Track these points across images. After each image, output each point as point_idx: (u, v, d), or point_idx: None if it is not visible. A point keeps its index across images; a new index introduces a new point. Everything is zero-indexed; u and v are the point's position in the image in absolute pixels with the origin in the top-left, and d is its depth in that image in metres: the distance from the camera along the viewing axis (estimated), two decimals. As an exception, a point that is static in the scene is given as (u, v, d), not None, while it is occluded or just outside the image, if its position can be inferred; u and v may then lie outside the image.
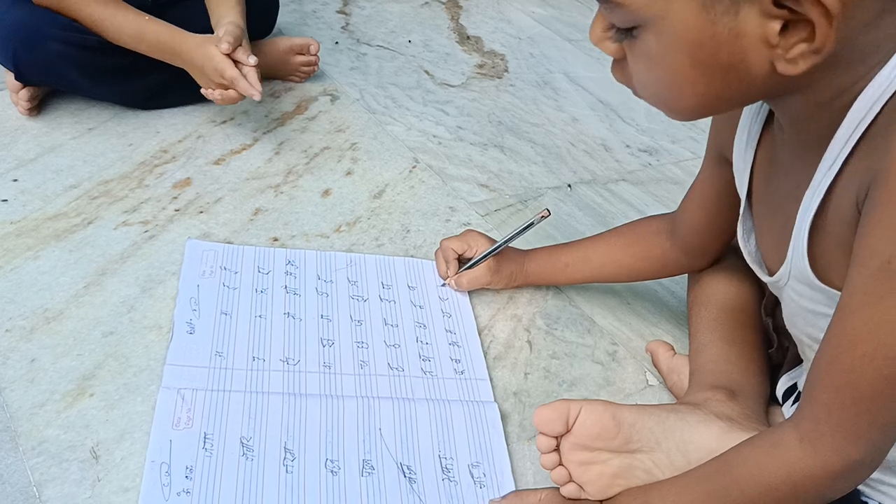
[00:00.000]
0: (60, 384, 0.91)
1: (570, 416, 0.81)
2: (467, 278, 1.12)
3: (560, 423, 0.80)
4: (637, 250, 1.07)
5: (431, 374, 1.00)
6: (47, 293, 1.02)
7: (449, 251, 1.13)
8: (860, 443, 0.63)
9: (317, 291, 1.08)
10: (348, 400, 0.93)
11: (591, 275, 1.12)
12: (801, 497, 0.67)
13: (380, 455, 0.88)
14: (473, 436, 0.92)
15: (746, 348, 0.96)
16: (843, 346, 0.62)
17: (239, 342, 0.98)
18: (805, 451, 0.65)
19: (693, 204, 1.00)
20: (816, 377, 0.65)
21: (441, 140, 1.52)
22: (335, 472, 0.85)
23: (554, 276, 1.14)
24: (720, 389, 0.90)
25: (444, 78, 1.75)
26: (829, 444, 0.64)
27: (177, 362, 0.93)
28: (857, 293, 0.61)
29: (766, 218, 0.80)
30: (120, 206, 1.19)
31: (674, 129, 1.72)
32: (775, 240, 0.76)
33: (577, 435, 0.80)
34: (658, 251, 1.06)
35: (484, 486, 0.87)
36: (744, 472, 0.69)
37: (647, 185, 1.50)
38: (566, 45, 2.01)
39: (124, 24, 1.29)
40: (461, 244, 1.12)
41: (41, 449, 0.84)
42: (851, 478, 0.66)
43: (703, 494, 0.73)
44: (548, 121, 1.66)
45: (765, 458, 0.68)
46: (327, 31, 1.86)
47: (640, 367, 1.08)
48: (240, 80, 1.27)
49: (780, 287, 0.77)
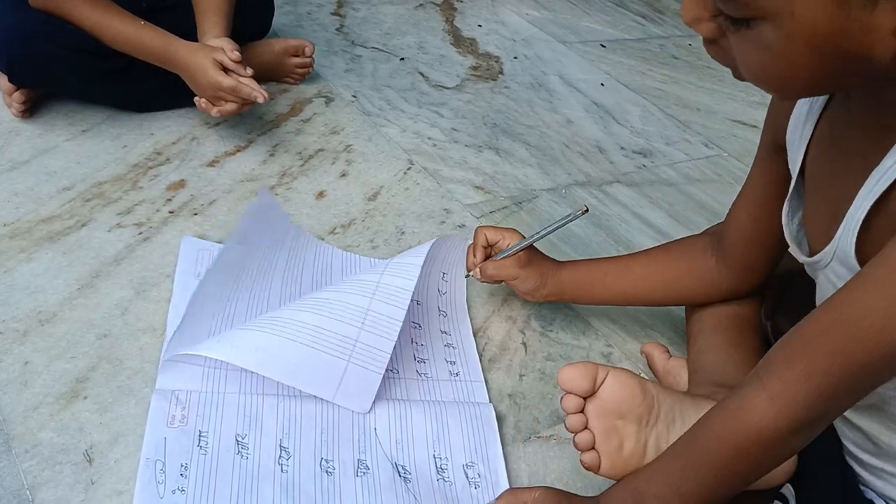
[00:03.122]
0: (54, 387, 0.90)
1: (598, 378, 0.79)
2: (494, 266, 1.05)
3: (587, 381, 0.79)
4: (681, 264, 1.02)
5: (426, 375, 1.00)
6: (41, 296, 1.01)
7: (480, 236, 1.07)
8: (832, 404, 0.65)
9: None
10: None
11: (632, 286, 1.04)
12: (769, 454, 0.68)
13: (375, 455, 0.88)
14: (468, 436, 0.92)
15: (748, 352, 0.96)
16: (850, 314, 0.62)
17: None
18: (775, 410, 0.65)
19: (741, 212, 0.95)
20: (802, 340, 0.65)
21: (436, 142, 1.52)
22: (330, 472, 0.85)
23: (591, 285, 1.06)
24: (725, 387, 0.90)
25: (438, 80, 1.76)
26: (802, 404, 0.64)
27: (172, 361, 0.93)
28: (885, 266, 0.61)
29: (818, 194, 0.77)
30: (114, 208, 1.18)
31: (668, 132, 1.72)
32: (825, 217, 0.73)
33: (603, 398, 0.79)
34: (702, 267, 1.00)
35: (479, 487, 0.87)
36: (713, 438, 0.70)
37: (641, 186, 1.50)
38: (560, 47, 2.01)
39: (119, 29, 1.30)
40: (495, 234, 1.06)
41: (34, 452, 0.83)
42: (818, 430, 0.67)
43: (681, 468, 0.72)
44: (542, 122, 1.66)
45: (732, 421, 0.68)
46: (322, 32, 1.86)
47: (635, 369, 1.08)
48: (240, 86, 1.27)
49: (818, 268, 0.76)
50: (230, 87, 1.27)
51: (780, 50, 0.59)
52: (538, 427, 0.97)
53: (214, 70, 1.27)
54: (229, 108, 1.30)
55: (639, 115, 1.77)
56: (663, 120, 1.77)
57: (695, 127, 1.76)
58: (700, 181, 1.56)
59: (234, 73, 1.28)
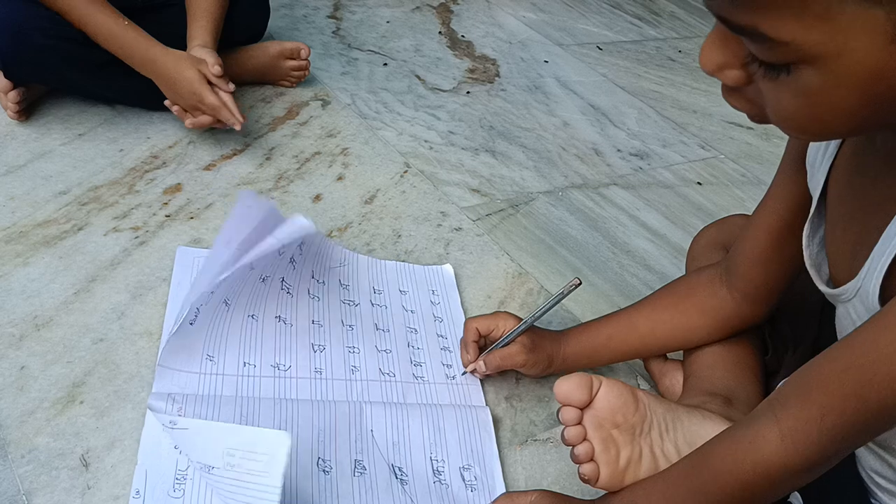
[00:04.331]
0: (50, 392, 0.90)
1: (593, 388, 0.79)
2: (500, 357, 0.99)
3: (584, 393, 0.78)
4: (689, 305, 0.97)
5: (423, 379, 1.00)
6: (37, 300, 1.01)
7: (471, 332, 1.01)
8: (844, 445, 0.63)
9: (308, 294, 1.08)
10: (339, 404, 0.93)
11: (640, 344, 1.00)
12: (776, 489, 0.67)
13: (372, 456, 0.88)
14: (465, 439, 0.92)
15: (742, 355, 0.96)
16: (869, 358, 0.60)
17: (230, 347, 0.98)
18: (786, 448, 0.64)
19: (757, 230, 0.89)
20: (818, 378, 0.64)
21: (432, 145, 1.52)
22: (327, 472, 0.85)
23: (596, 352, 1.01)
24: (717, 396, 0.90)
25: (435, 83, 1.76)
26: (815, 444, 0.63)
27: (168, 365, 0.93)
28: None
29: (840, 224, 0.73)
30: (110, 213, 1.18)
31: (664, 134, 1.72)
32: (848, 248, 0.70)
33: (598, 408, 0.79)
34: (713, 301, 0.95)
35: (475, 490, 0.87)
36: (721, 468, 0.69)
37: (637, 189, 1.51)
38: (557, 49, 2.02)
39: (102, 25, 1.28)
40: (487, 324, 1.00)
41: (31, 457, 0.83)
42: (827, 467, 0.66)
43: (684, 491, 0.72)
44: (539, 125, 1.66)
45: (742, 454, 0.67)
46: (318, 35, 1.86)
47: (631, 371, 1.08)
48: (221, 109, 1.28)
49: (839, 301, 0.72)
50: (212, 105, 1.28)
51: (824, 96, 0.53)
52: (535, 430, 0.97)
53: (201, 83, 1.27)
54: (204, 121, 1.31)
55: (635, 117, 1.77)
56: (659, 122, 1.77)
57: (691, 129, 1.77)
58: (696, 183, 1.56)
59: (216, 87, 1.29)
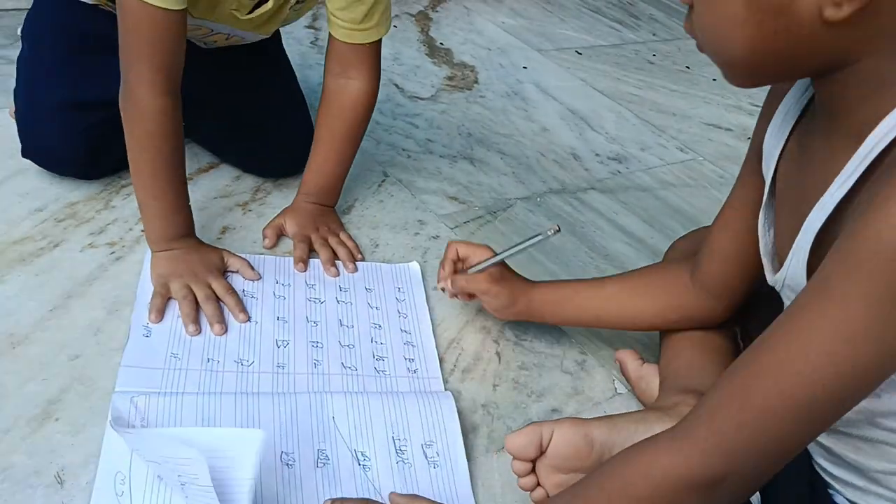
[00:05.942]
0: (26, 409, 0.90)
1: (544, 439, 0.83)
2: (465, 279, 1.04)
3: (533, 448, 0.83)
4: (654, 278, 1.01)
5: (384, 372, 1.02)
6: (12, 318, 1.01)
7: (451, 250, 1.07)
8: (728, 459, 0.61)
9: (274, 295, 1.09)
10: (301, 396, 0.94)
11: (604, 304, 1.03)
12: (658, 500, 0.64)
13: (334, 443, 0.89)
14: (426, 416, 0.94)
15: (717, 355, 0.97)
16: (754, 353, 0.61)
17: (194, 344, 0.99)
18: (672, 450, 0.63)
19: (718, 225, 0.92)
20: (716, 382, 0.64)
21: (410, 153, 1.53)
22: (290, 465, 0.86)
23: (562, 304, 1.05)
24: (691, 393, 0.91)
25: (413, 91, 1.76)
26: (699, 449, 0.62)
27: (132, 364, 0.94)
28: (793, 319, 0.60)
29: (786, 208, 0.75)
30: (86, 228, 1.18)
31: (643, 137, 1.73)
32: (787, 235, 0.71)
33: (551, 457, 0.83)
34: (678, 288, 0.98)
35: (437, 466, 0.89)
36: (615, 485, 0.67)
37: (616, 192, 1.51)
38: (536, 55, 2.02)
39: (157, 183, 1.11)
40: (467, 249, 1.06)
41: (6, 475, 0.83)
42: (706, 495, 0.63)
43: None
44: (517, 131, 1.67)
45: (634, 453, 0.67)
46: (297, 46, 1.87)
47: (608, 375, 1.09)
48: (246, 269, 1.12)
49: (781, 291, 0.74)
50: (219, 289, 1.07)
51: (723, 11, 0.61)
52: (512, 437, 0.97)
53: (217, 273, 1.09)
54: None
55: (614, 121, 1.78)
56: (638, 125, 1.78)
57: (670, 132, 1.78)
58: (675, 186, 1.57)
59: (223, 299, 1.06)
